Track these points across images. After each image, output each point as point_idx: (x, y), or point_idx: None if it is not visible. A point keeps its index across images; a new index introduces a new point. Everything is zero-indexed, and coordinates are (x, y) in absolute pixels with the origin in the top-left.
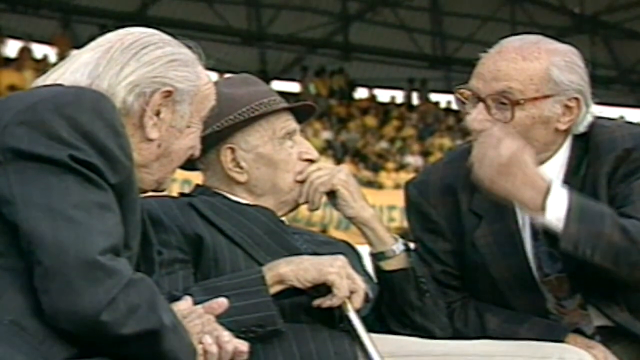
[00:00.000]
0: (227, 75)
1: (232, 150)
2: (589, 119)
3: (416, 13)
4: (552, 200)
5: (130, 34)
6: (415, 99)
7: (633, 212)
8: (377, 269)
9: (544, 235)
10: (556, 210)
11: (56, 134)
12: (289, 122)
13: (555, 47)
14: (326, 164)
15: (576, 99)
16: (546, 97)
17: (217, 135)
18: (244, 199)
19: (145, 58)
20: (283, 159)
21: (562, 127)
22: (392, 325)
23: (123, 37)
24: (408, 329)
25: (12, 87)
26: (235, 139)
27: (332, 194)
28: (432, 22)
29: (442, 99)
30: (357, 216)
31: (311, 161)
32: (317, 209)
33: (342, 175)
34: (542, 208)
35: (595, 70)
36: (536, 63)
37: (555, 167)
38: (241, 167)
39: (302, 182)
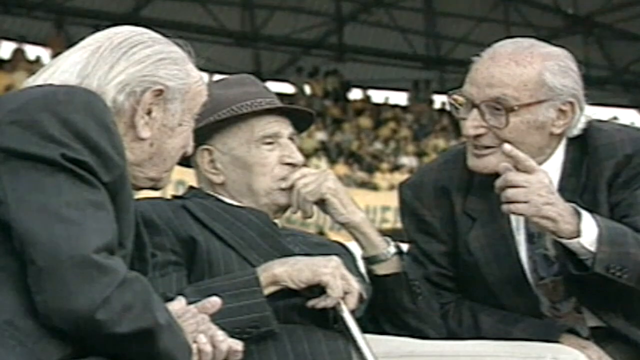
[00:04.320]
0: (218, 76)
1: (210, 151)
2: (583, 121)
3: (410, 14)
4: (584, 224)
5: (120, 33)
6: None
7: None
8: (370, 273)
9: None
10: (589, 234)
11: (48, 132)
12: (270, 125)
13: (548, 52)
14: (311, 170)
15: (570, 102)
16: (540, 102)
17: (195, 136)
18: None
19: (134, 57)
20: (257, 162)
21: (557, 131)
22: (386, 327)
23: (112, 36)
24: (402, 331)
25: (6, 89)
26: (213, 141)
27: (321, 202)
28: (426, 23)
29: (437, 100)
30: (347, 221)
31: (293, 165)
32: (310, 217)
33: (329, 183)
34: (578, 233)
35: (589, 70)
36: (529, 68)
37: (550, 170)
38: (217, 169)
39: (287, 188)
